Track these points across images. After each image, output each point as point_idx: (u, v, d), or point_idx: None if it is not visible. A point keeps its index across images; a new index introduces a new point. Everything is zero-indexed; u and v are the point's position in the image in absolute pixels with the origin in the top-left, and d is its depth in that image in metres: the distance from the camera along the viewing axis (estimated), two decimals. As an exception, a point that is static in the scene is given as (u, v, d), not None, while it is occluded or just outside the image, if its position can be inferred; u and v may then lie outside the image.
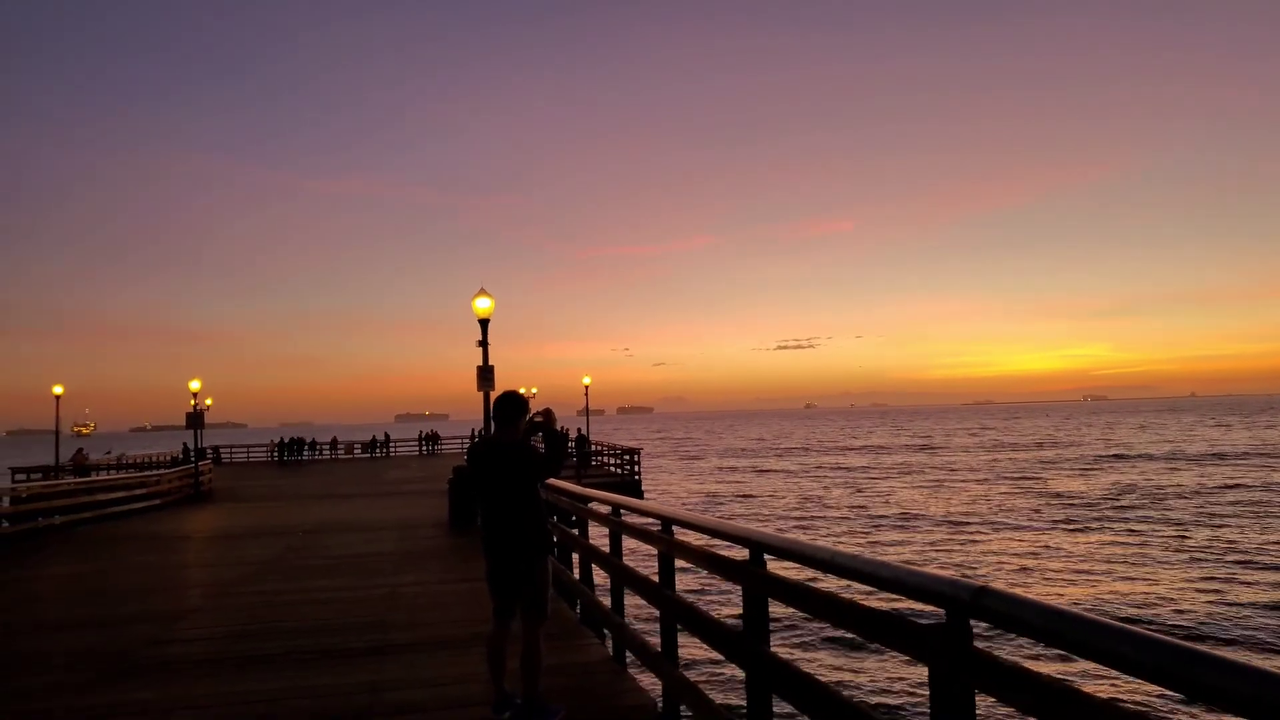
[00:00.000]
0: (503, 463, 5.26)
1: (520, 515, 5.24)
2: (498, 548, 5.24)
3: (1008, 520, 31.15)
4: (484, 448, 5.43)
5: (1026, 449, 74.66)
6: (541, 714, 5.17)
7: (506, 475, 5.23)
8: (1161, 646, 1.77)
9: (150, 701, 6.05)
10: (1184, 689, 1.70)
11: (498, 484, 5.25)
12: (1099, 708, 1.93)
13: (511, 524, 5.22)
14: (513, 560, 5.22)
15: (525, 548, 5.23)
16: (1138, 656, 1.79)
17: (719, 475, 59.98)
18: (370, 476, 37.89)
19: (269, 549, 14.17)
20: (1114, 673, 12.26)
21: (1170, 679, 1.72)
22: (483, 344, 16.82)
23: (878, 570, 2.92)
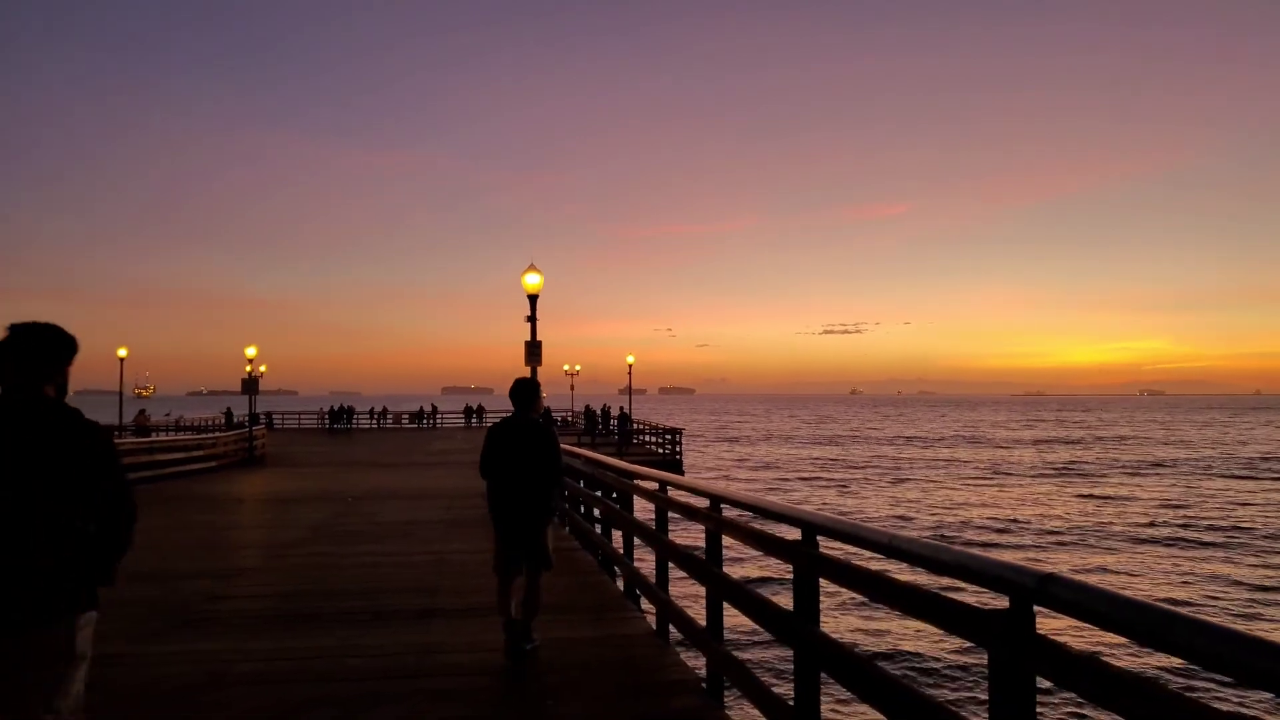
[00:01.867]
0: (523, 439, 6.12)
1: (536, 485, 6.10)
2: (515, 514, 6.09)
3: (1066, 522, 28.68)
4: (505, 426, 6.23)
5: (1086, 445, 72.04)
6: (529, 640, 6.18)
7: (526, 450, 6.10)
8: (1238, 639, 1.75)
9: (212, 652, 6.27)
10: (1260, 683, 1.69)
11: (518, 458, 6.09)
12: (1169, 699, 1.91)
13: (528, 493, 6.07)
14: (529, 524, 6.10)
15: (541, 513, 6.14)
16: (1212, 649, 1.77)
17: (761, 459, 59.81)
18: (417, 446, 38.50)
19: (320, 513, 14.50)
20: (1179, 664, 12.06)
21: (1246, 673, 1.70)
22: (531, 320, 16.91)
23: (939, 554, 2.91)
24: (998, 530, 27.08)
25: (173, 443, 25.17)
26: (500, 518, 6.16)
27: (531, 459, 6.10)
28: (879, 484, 41.46)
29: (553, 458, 6.21)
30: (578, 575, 9.34)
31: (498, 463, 6.15)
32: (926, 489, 38.89)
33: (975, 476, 44.79)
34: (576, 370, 63.01)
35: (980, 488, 39.37)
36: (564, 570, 9.57)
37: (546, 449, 6.17)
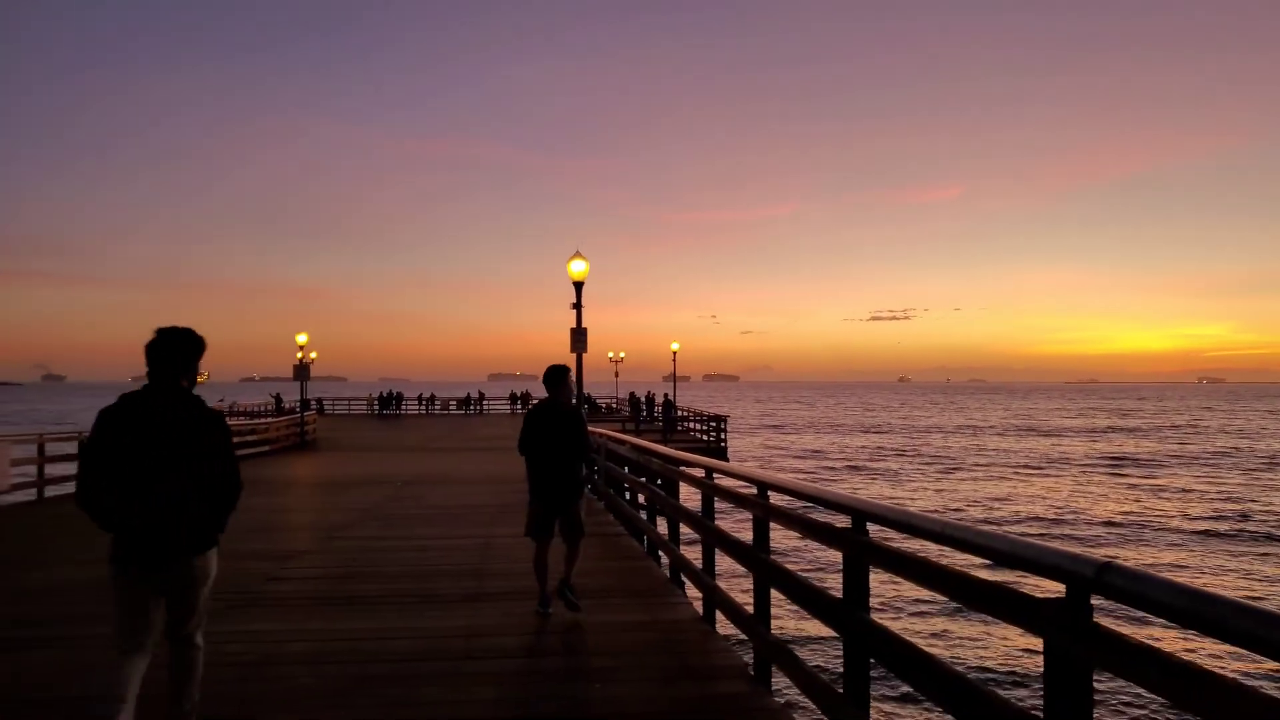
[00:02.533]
0: (555, 421, 6.93)
1: (571, 463, 6.93)
2: (551, 487, 6.87)
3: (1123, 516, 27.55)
4: (540, 409, 7.04)
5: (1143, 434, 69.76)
6: (573, 594, 6.91)
7: (558, 430, 6.90)
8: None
9: (270, 631, 6.43)
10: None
11: (551, 437, 6.88)
12: (1239, 692, 1.86)
13: (564, 469, 6.89)
14: (565, 497, 6.89)
15: (574, 487, 6.95)
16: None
17: (806, 448, 59.47)
18: (464, 432, 38.94)
19: (370, 497, 14.74)
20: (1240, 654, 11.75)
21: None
22: (577, 306, 16.98)
23: (993, 543, 2.87)
24: (1051, 522, 26.36)
25: (227, 427, 25.74)
26: (538, 492, 6.92)
27: (563, 438, 6.91)
28: (927, 474, 40.92)
29: (580, 436, 7.02)
30: (623, 560, 9.39)
31: (534, 442, 6.92)
32: (977, 480, 38.06)
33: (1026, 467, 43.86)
34: (621, 357, 63.10)
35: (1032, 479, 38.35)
36: (609, 555, 9.64)
37: (576, 429, 6.99)
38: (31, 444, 15.65)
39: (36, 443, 15.56)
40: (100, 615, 6.89)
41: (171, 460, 3.80)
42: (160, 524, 3.80)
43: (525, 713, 4.83)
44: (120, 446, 3.78)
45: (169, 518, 3.81)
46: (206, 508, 3.95)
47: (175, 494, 3.82)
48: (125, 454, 3.77)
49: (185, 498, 3.85)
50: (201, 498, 3.92)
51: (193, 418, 3.90)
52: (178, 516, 3.83)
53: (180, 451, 3.83)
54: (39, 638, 6.36)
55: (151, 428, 3.80)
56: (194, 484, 3.87)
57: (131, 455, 3.77)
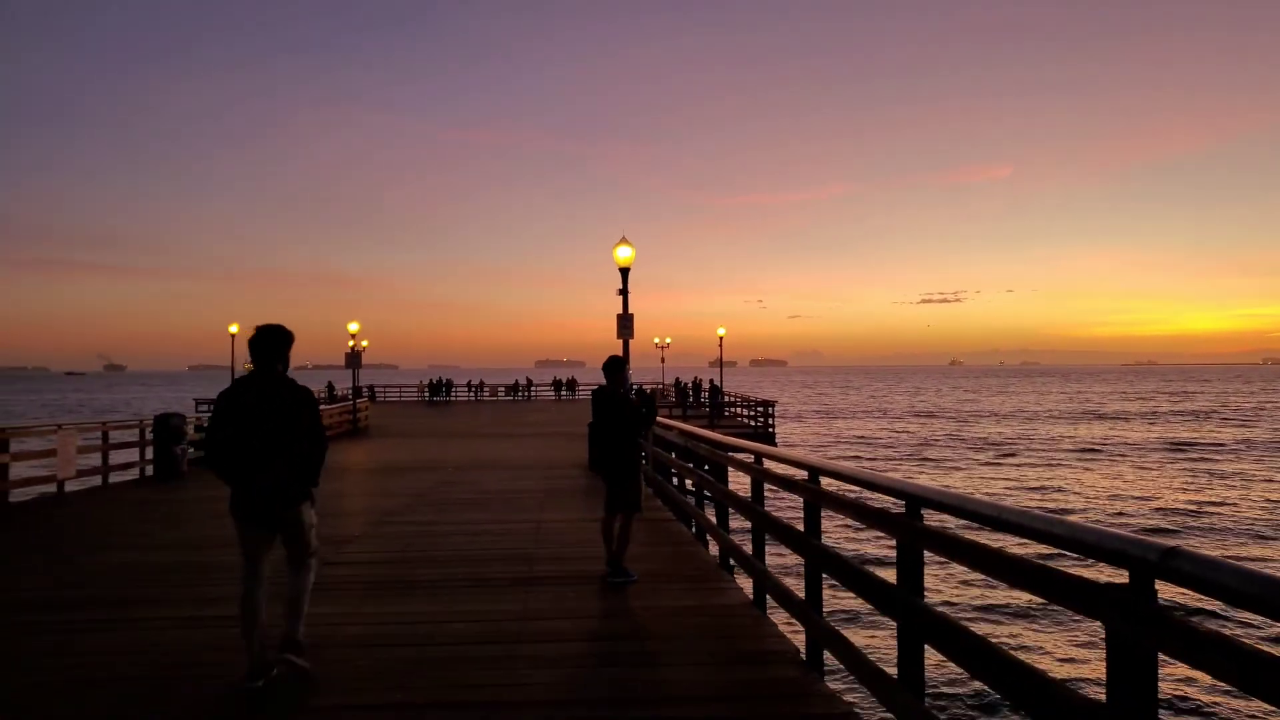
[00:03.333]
0: (614, 407, 7.78)
1: (624, 445, 7.75)
2: (609, 469, 7.76)
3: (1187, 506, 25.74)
4: (600, 394, 7.91)
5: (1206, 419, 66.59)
6: (624, 573, 7.60)
7: (616, 416, 7.75)
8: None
9: (326, 615, 6.52)
10: None
11: (611, 422, 7.75)
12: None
13: (618, 452, 7.72)
14: (620, 479, 7.71)
15: (629, 469, 7.74)
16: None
17: (855, 434, 58.95)
18: (513, 418, 39.25)
19: (422, 482, 14.94)
20: None
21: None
22: (623, 293, 16.98)
23: (1052, 527, 2.82)
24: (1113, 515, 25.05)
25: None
26: (596, 468, 7.96)
27: (617, 422, 7.77)
28: (981, 460, 40.23)
29: (631, 421, 7.82)
30: (673, 545, 9.41)
31: (595, 425, 7.90)
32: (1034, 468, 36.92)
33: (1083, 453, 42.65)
34: (667, 343, 63.08)
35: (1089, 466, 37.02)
36: (659, 540, 9.66)
37: (630, 412, 7.84)
38: (95, 432, 16.10)
39: (100, 430, 16.01)
40: (160, 599, 7.12)
41: (273, 431, 4.94)
42: (268, 483, 4.97)
43: (578, 695, 4.87)
44: (235, 420, 4.92)
45: (274, 478, 4.97)
46: (302, 468, 5.10)
47: (277, 457, 4.96)
48: (239, 426, 4.91)
49: (285, 461, 4.99)
50: (296, 460, 5.05)
51: (290, 396, 5.03)
52: (280, 476, 4.99)
53: (280, 424, 4.96)
54: (101, 619, 6.55)
55: (258, 405, 4.94)
56: (290, 449, 5.01)
57: (244, 427, 4.91)
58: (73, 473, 14.37)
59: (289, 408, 4.99)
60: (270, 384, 5.01)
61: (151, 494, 14.19)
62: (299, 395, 5.07)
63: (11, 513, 12.34)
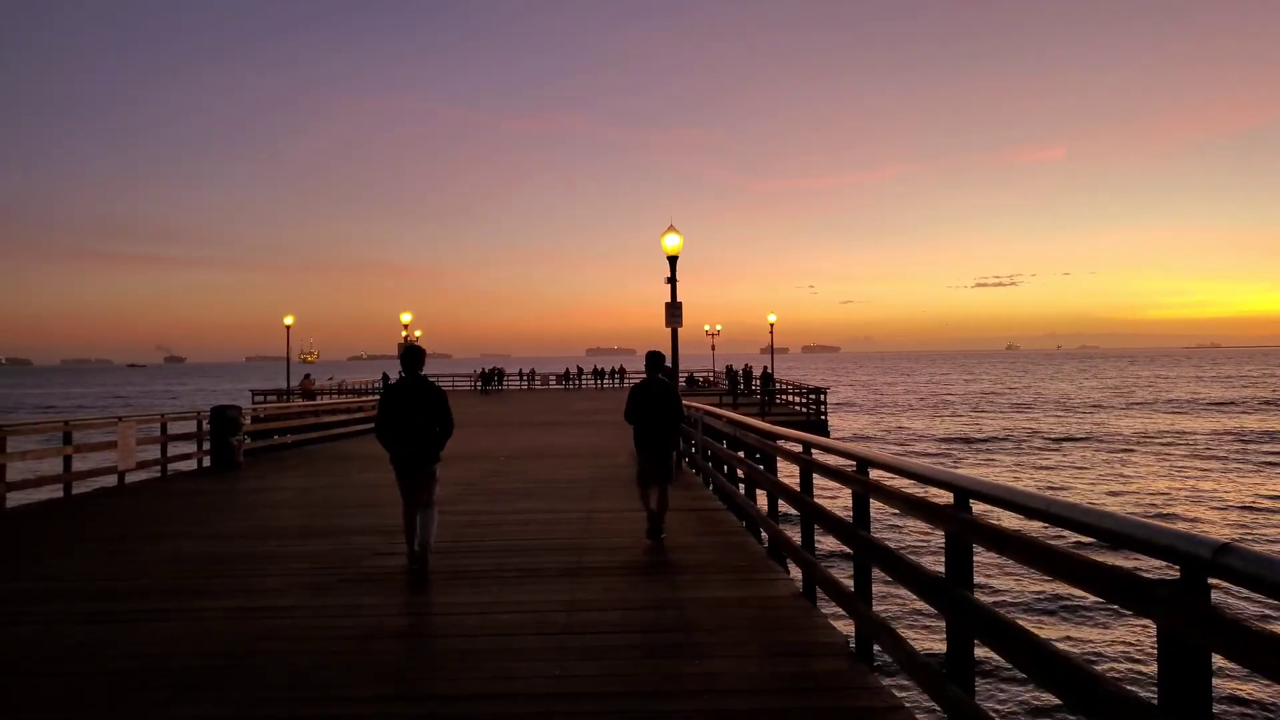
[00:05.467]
0: (652, 394, 9.29)
1: (663, 430, 9.24)
2: (648, 446, 9.24)
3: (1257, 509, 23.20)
4: (642, 386, 9.43)
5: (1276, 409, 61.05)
6: (662, 530, 8.99)
7: (654, 402, 9.25)
8: None
9: (376, 606, 6.65)
10: None
11: (649, 407, 9.25)
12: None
13: (658, 436, 9.23)
14: (658, 453, 9.21)
15: (665, 446, 9.25)
16: None
17: (908, 423, 58.14)
18: (562, 406, 39.49)
19: (473, 472, 15.08)
20: None
21: None
22: (671, 281, 16.95)
23: (1101, 521, 2.76)
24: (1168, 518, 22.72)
25: (335, 405, 26.72)
26: (641, 449, 9.33)
27: (657, 408, 9.27)
28: (1037, 451, 39.19)
29: (673, 408, 9.34)
30: (721, 535, 9.38)
31: (636, 411, 9.31)
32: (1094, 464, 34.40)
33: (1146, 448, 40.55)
34: (717, 330, 62.88)
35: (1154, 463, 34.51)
36: (708, 530, 9.65)
37: (668, 401, 9.33)
38: (154, 424, 16.52)
39: (159, 423, 16.42)
40: (214, 589, 7.26)
41: (418, 416, 7.65)
42: (412, 452, 7.67)
43: (625, 687, 4.88)
44: (394, 408, 7.67)
45: (416, 449, 7.68)
46: (434, 442, 7.77)
47: (419, 434, 7.67)
48: (396, 412, 7.65)
49: (423, 436, 7.69)
50: (431, 437, 7.74)
51: (429, 391, 7.78)
52: (420, 447, 7.69)
53: (422, 411, 7.67)
54: (158, 609, 6.71)
55: (409, 398, 7.69)
56: (428, 429, 7.71)
57: (399, 413, 7.65)
58: (133, 464, 14.76)
59: (429, 400, 7.71)
60: (416, 384, 7.78)
61: (208, 484, 14.54)
62: (435, 392, 7.82)
63: (75, 503, 12.73)
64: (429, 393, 7.73)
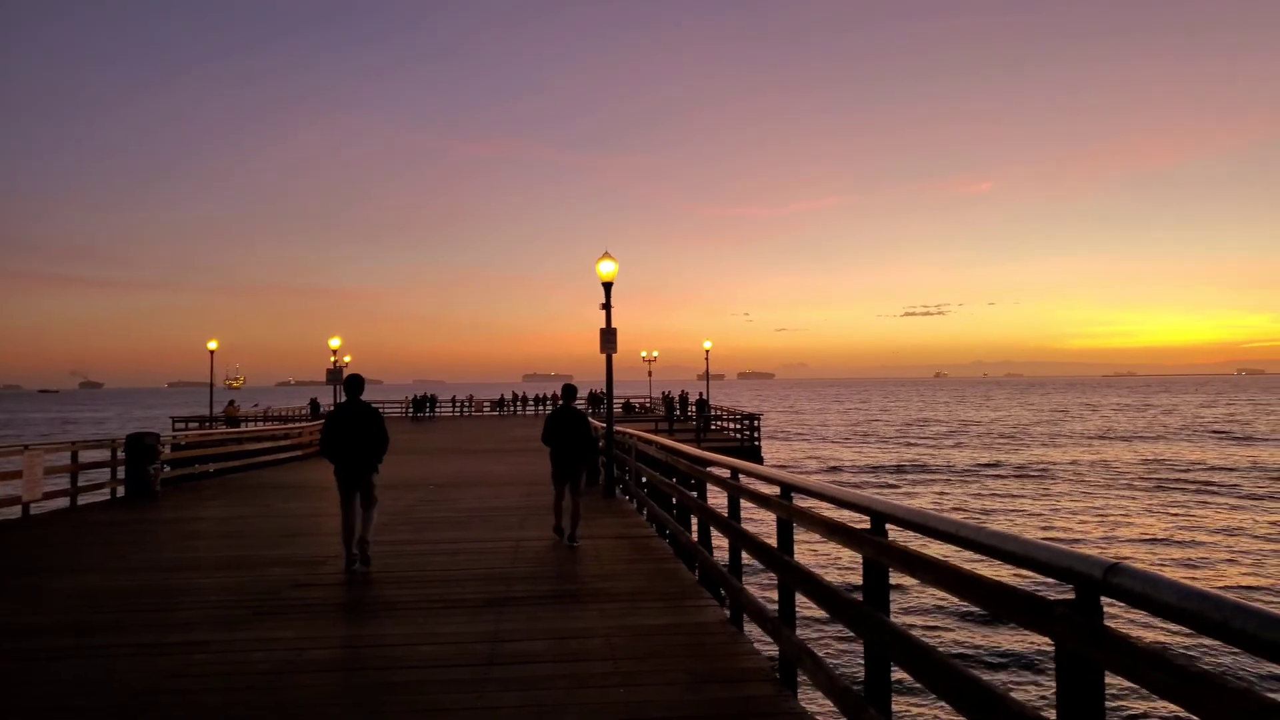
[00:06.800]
0: (567, 421, 10.75)
1: (579, 451, 10.73)
2: (563, 466, 10.71)
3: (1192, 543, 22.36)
4: (558, 412, 10.91)
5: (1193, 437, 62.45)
6: (574, 539, 10.38)
7: (573, 429, 10.72)
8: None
9: (294, 639, 6.46)
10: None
11: (568, 435, 10.69)
12: (1241, 695, 1.81)
13: (573, 456, 10.69)
14: (572, 472, 10.68)
15: (579, 466, 10.76)
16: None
17: (836, 445, 58.95)
18: (498, 433, 39.10)
19: (401, 501, 14.81)
20: None
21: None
22: (606, 307, 16.95)
23: (1005, 544, 2.83)
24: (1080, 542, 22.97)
25: (260, 432, 26.04)
26: (556, 468, 10.78)
27: (571, 433, 10.69)
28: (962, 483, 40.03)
29: (583, 432, 10.78)
30: (653, 562, 9.36)
31: (551, 435, 10.76)
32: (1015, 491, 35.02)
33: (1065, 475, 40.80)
34: (654, 356, 63.05)
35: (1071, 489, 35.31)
36: (640, 557, 9.62)
37: (580, 427, 10.77)
38: (64, 453, 15.86)
39: (69, 451, 15.79)
40: (123, 624, 6.96)
41: (358, 433, 9.14)
42: (354, 462, 9.15)
43: (549, 717, 4.82)
44: (338, 427, 9.16)
45: (358, 460, 9.16)
46: (372, 455, 9.23)
47: (360, 449, 9.14)
48: (340, 431, 9.13)
49: (364, 450, 9.17)
50: (370, 451, 9.20)
51: (368, 413, 9.27)
52: (360, 458, 9.17)
53: (362, 430, 9.17)
54: (61, 647, 6.39)
55: (350, 419, 9.18)
56: (367, 445, 9.17)
57: (342, 431, 9.13)
58: (39, 495, 14.10)
59: (368, 421, 9.22)
60: (357, 407, 9.26)
61: (122, 515, 13.99)
62: (374, 413, 9.32)
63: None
64: (368, 414, 9.22)
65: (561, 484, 10.78)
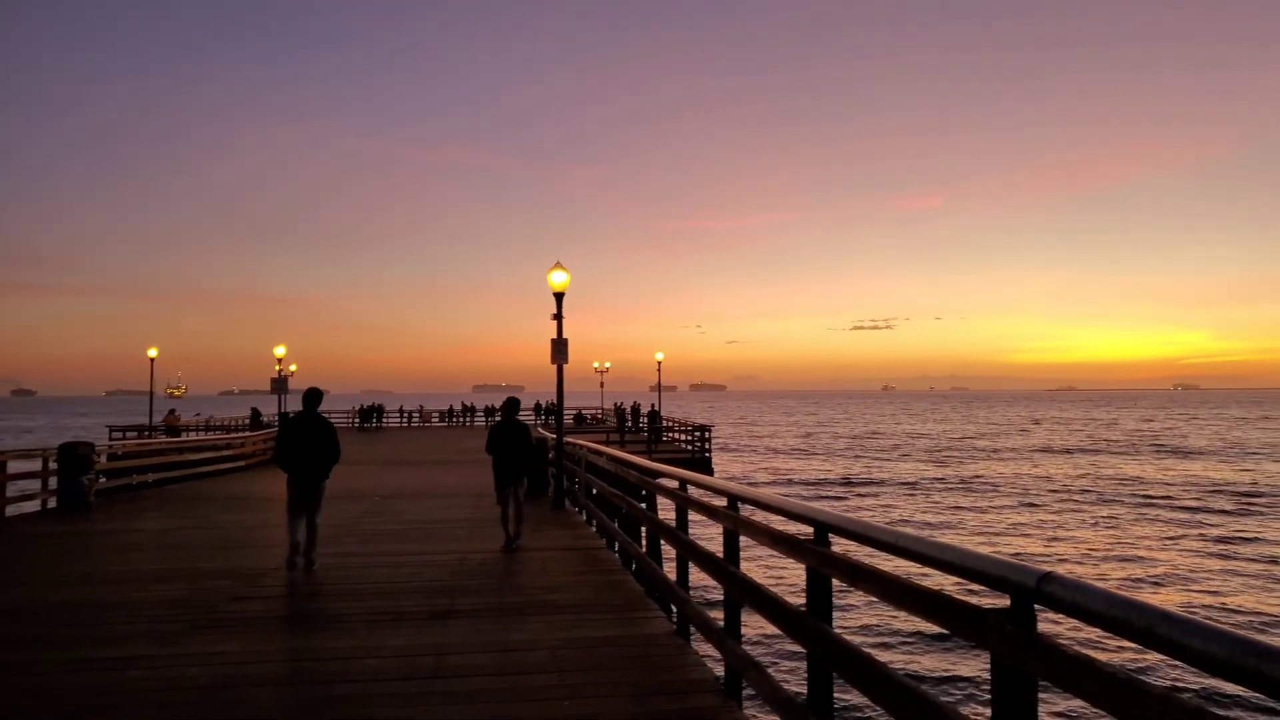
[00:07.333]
0: (509, 433, 11.41)
1: (519, 463, 11.34)
2: (505, 475, 11.25)
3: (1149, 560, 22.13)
4: (500, 425, 11.57)
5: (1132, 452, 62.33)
6: (517, 544, 10.87)
7: (515, 438, 11.38)
8: (1234, 641, 1.70)
9: (231, 654, 6.31)
10: (1256, 685, 1.64)
11: (510, 444, 11.35)
12: (1166, 701, 1.86)
13: (512, 462, 11.29)
14: (513, 480, 11.22)
15: (519, 473, 11.31)
16: (1208, 649, 1.72)
17: (787, 457, 59.39)
18: (448, 445, 38.68)
19: (346, 513, 14.57)
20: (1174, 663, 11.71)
21: (1242, 674, 1.66)
22: (557, 318, 16.91)
23: (943, 554, 2.88)
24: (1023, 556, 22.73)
25: (201, 442, 25.48)
26: (498, 477, 11.31)
27: (513, 444, 11.35)
28: (907, 495, 40.73)
29: (524, 442, 11.47)
30: (601, 574, 9.34)
31: (494, 444, 11.40)
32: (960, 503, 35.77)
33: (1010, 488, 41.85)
34: (606, 367, 63.00)
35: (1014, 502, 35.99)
36: (588, 569, 9.59)
37: (521, 438, 11.45)
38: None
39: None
40: (51, 640, 6.73)
41: (311, 443, 9.51)
42: (307, 471, 9.51)
43: (490, 731, 4.77)
44: (293, 437, 9.51)
45: (311, 469, 9.54)
46: (324, 465, 9.67)
47: (312, 458, 9.52)
48: (295, 441, 9.47)
49: (316, 460, 9.55)
50: (322, 461, 9.61)
51: (323, 424, 9.65)
52: (313, 468, 9.57)
53: (315, 441, 9.53)
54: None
55: (304, 430, 9.53)
56: (320, 453, 9.55)
57: (297, 442, 9.47)
58: None
59: (322, 432, 9.61)
60: (312, 418, 9.66)
61: (53, 527, 13.55)
62: (328, 425, 9.72)
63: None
64: (323, 426, 9.67)
65: (505, 492, 11.23)
